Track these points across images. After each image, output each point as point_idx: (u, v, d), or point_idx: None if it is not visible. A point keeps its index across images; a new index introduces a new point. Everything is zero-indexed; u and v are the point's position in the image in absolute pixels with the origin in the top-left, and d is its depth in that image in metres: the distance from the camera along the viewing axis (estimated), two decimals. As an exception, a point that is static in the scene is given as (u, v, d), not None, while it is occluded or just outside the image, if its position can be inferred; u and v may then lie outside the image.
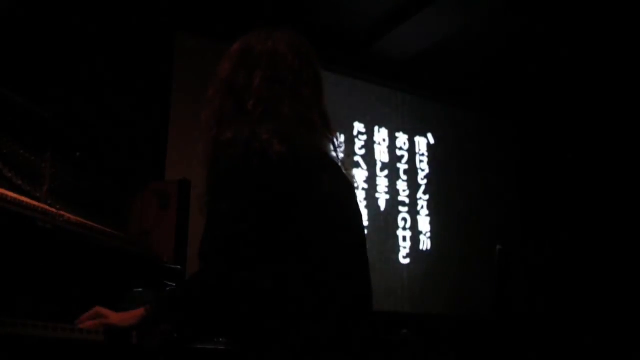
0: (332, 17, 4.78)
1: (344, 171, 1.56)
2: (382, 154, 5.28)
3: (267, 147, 1.33)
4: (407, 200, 5.30)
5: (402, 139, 5.45)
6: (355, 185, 1.60)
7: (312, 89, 1.53)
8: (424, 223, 5.36)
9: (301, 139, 1.43)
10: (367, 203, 5.02)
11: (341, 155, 1.57)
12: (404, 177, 5.35)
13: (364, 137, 5.20)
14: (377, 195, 5.13)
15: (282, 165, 1.33)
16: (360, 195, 4.94)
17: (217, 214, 1.32)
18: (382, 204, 5.15)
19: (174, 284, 1.98)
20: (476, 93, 5.77)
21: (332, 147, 1.55)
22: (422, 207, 5.38)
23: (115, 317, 1.34)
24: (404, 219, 5.23)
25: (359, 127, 5.19)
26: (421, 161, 5.51)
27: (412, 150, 5.48)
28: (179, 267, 2.12)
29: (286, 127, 1.41)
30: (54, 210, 1.64)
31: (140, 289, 1.74)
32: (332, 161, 1.54)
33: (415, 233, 5.28)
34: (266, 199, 1.31)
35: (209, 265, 1.28)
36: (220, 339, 1.56)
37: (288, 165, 1.34)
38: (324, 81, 1.60)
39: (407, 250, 5.19)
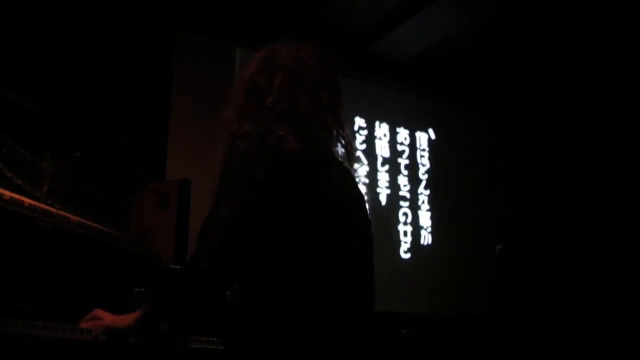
0: (332, 16, 4.78)
1: (354, 177, 1.58)
2: (382, 149, 5.28)
3: (282, 142, 1.37)
4: (408, 195, 5.30)
5: (402, 133, 5.45)
6: (358, 179, 1.61)
7: (331, 96, 1.55)
8: (425, 218, 5.36)
9: (315, 139, 1.46)
10: (368, 198, 5.02)
11: (356, 165, 1.60)
12: (405, 172, 5.36)
13: (365, 132, 5.20)
14: (378, 190, 5.14)
15: (294, 161, 1.37)
16: (361, 190, 4.93)
17: (224, 198, 1.35)
18: (383, 199, 5.15)
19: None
20: (476, 93, 5.76)
21: (344, 153, 1.57)
22: (423, 202, 5.39)
23: (110, 319, 1.36)
24: (405, 214, 5.24)
25: (359, 121, 5.19)
26: (422, 156, 5.51)
27: (413, 145, 5.48)
28: (178, 267, 2.13)
29: (301, 125, 1.44)
30: (54, 210, 1.64)
31: (141, 289, 1.75)
32: (343, 165, 1.56)
33: (416, 228, 5.29)
34: (274, 192, 1.33)
35: (206, 252, 1.32)
36: (217, 339, 1.57)
37: (300, 162, 1.38)
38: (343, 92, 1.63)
39: (408, 245, 5.20)
